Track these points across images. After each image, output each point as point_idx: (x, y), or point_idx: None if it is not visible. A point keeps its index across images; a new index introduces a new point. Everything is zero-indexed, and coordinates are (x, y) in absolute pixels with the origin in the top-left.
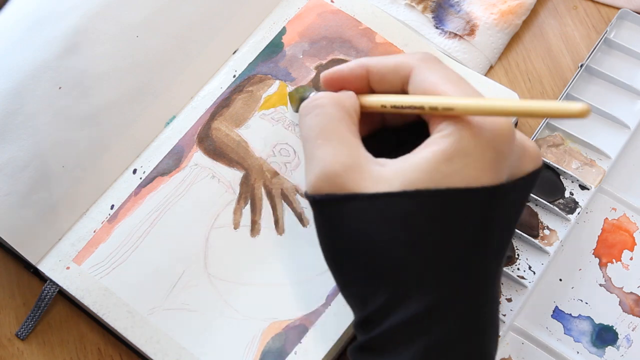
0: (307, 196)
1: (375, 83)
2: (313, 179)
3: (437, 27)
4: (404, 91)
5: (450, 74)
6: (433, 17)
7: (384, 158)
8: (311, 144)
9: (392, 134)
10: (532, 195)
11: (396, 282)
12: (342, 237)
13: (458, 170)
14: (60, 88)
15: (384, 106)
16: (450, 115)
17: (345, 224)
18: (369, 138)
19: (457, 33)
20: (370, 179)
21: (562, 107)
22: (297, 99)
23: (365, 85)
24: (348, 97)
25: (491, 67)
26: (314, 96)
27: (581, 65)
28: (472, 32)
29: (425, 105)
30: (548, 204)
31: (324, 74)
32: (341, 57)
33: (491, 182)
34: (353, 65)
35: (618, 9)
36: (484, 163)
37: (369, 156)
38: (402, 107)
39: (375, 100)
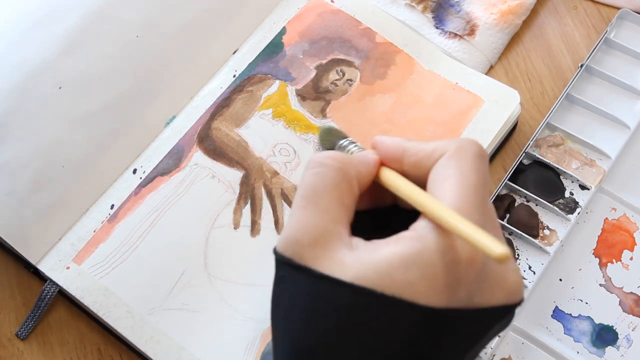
0: (274, 251)
1: (409, 167)
2: (282, 238)
3: (437, 27)
4: None
5: (470, 176)
6: (433, 17)
7: (359, 239)
8: (298, 200)
9: (399, 215)
10: (532, 195)
11: None
12: (283, 302)
13: (410, 282)
14: (60, 88)
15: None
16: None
17: (289, 292)
18: (374, 213)
19: (457, 33)
20: (330, 260)
21: (490, 246)
22: (327, 143)
23: (398, 166)
24: (360, 164)
25: (491, 67)
26: (324, 155)
27: (581, 65)
28: (472, 32)
29: (418, 204)
30: (548, 204)
31: (375, 138)
32: (341, 57)
33: (441, 305)
34: (395, 142)
35: (618, 9)
36: (439, 283)
37: (343, 234)
38: (398, 194)
39: (384, 177)
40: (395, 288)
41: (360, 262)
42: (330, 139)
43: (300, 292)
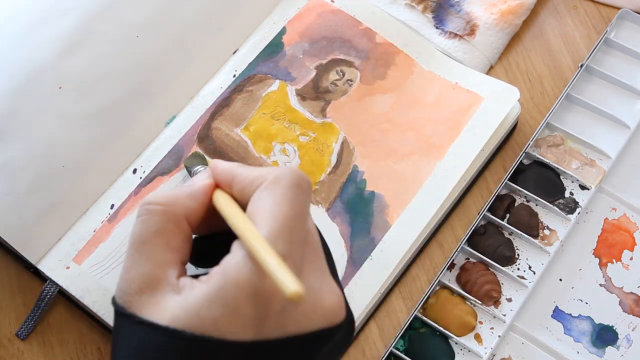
0: (112, 299)
1: (237, 193)
2: (116, 289)
3: (437, 27)
4: None
5: (279, 207)
6: (433, 17)
7: (189, 278)
8: (128, 250)
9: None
10: (532, 195)
11: None
12: (115, 348)
13: (214, 318)
14: (60, 88)
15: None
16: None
17: (119, 338)
18: (208, 238)
19: (457, 33)
20: (154, 305)
21: (282, 281)
22: (188, 167)
23: (230, 192)
24: (187, 199)
25: (491, 67)
26: (148, 199)
27: (581, 65)
28: (472, 32)
29: (233, 228)
30: (548, 204)
31: (211, 162)
32: (341, 57)
33: (251, 338)
34: (226, 167)
35: (618, 9)
36: (244, 317)
37: (170, 278)
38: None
39: (215, 201)
40: (203, 327)
41: (176, 304)
42: (190, 164)
43: (127, 338)
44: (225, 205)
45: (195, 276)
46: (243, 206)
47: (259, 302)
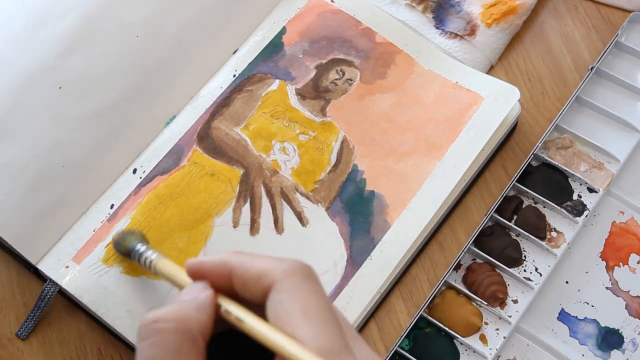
0: None
1: (238, 288)
2: None
3: (437, 27)
4: (264, 300)
5: (309, 303)
6: (433, 17)
7: None
8: None
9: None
10: (540, 197)
11: None
12: None
13: None
14: (60, 88)
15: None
16: None
17: None
18: (222, 337)
19: (458, 33)
20: None
21: None
22: (123, 250)
23: (229, 285)
24: (197, 313)
25: (492, 67)
26: (155, 316)
27: (591, 68)
28: (472, 32)
29: (264, 343)
30: (556, 206)
31: (188, 266)
32: (341, 56)
33: None
34: (217, 262)
35: (618, 9)
36: None
37: None
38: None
39: (226, 315)
40: None
41: None
42: (125, 245)
43: None
44: (252, 321)
45: None
46: (247, 299)
47: None
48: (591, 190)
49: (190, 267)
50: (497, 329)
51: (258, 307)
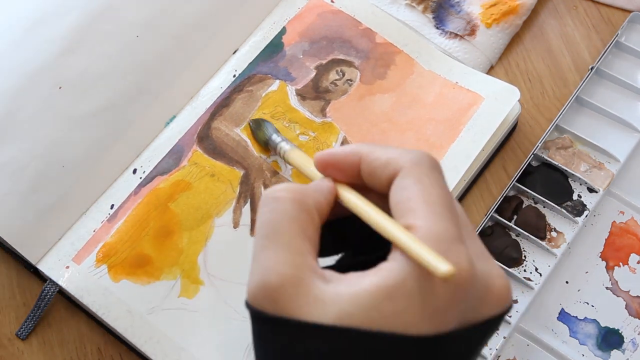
0: (245, 305)
1: (365, 175)
2: (251, 287)
3: (437, 27)
4: (388, 188)
5: (431, 191)
6: (433, 17)
7: (331, 271)
8: (258, 243)
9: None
10: (540, 197)
11: None
12: (266, 357)
13: (397, 312)
14: (60, 88)
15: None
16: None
17: (270, 345)
18: (339, 222)
19: (458, 33)
20: (306, 299)
21: (433, 264)
22: (262, 140)
23: (358, 174)
24: (314, 192)
25: (492, 67)
26: (275, 188)
27: (591, 68)
28: (472, 32)
29: (376, 227)
30: (556, 206)
31: (318, 156)
32: (341, 57)
33: (433, 331)
34: (348, 151)
35: (618, 9)
36: (427, 309)
37: (313, 268)
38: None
39: (344, 198)
40: (383, 321)
41: (340, 299)
42: (265, 135)
43: (280, 349)
44: (360, 202)
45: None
46: (372, 189)
47: (442, 293)
48: (591, 190)
49: (321, 158)
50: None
51: (382, 200)
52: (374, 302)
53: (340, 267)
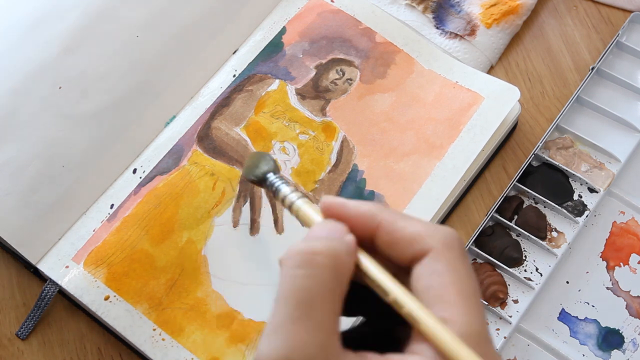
0: None
1: (383, 244)
2: (271, 357)
3: (437, 27)
4: (410, 263)
5: (464, 280)
6: (434, 17)
7: (351, 353)
8: (286, 310)
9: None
10: (540, 197)
11: None
12: None
13: None
14: (60, 88)
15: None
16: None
17: None
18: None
19: (458, 33)
20: None
21: None
22: (259, 175)
23: (368, 236)
24: (347, 255)
25: (492, 67)
26: (312, 248)
27: (592, 68)
28: (472, 32)
29: (410, 316)
30: (556, 206)
31: (327, 203)
32: (341, 56)
33: None
34: (365, 210)
35: (618, 9)
36: None
37: (339, 351)
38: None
39: (367, 271)
40: None
41: None
42: (263, 171)
43: None
44: (398, 289)
45: None
46: (383, 256)
47: None
48: (592, 190)
49: (331, 206)
50: (498, 329)
51: (396, 268)
52: None
53: (354, 335)
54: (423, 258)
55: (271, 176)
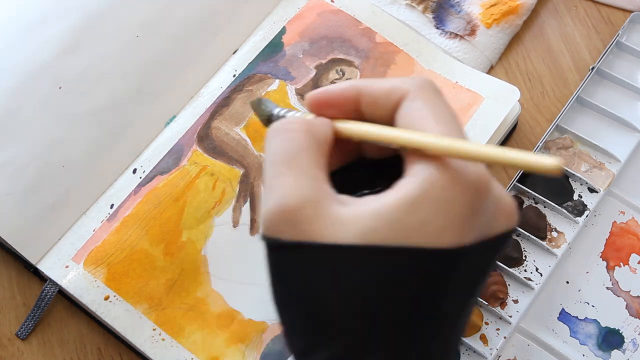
0: (262, 237)
1: (366, 107)
2: (267, 214)
3: (437, 27)
4: (393, 115)
5: (440, 110)
6: (434, 17)
7: (348, 196)
8: (272, 171)
9: (369, 166)
10: (540, 197)
11: (336, 343)
12: (287, 286)
13: (421, 223)
14: (60, 88)
15: (355, 136)
16: (422, 156)
17: (292, 274)
18: (342, 170)
19: (458, 33)
20: (327, 220)
21: (536, 161)
22: (264, 116)
23: (353, 109)
24: (321, 124)
25: (492, 67)
26: (285, 120)
27: (592, 68)
28: (472, 32)
29: (396, 141)
30: (556, 206)
31: (311, 96)
32: (341, 56)
33: (454, 243)
34: (344, 86)
35: (618, 9)
36: (450, 219)
37: (331, 192)
38: (373, 140)
39: (348, 129)
40: (405, 234)
41: (360, 217)
42: (266, 111)
43: (304, 269)
44: (371, 127)
45: None
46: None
47: (468, 201)
48: (592, 190)
49: (315, 96)
50: (498, 329)
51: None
52: (398, 214)
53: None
54: (402, 102)
55: (276, 109)
